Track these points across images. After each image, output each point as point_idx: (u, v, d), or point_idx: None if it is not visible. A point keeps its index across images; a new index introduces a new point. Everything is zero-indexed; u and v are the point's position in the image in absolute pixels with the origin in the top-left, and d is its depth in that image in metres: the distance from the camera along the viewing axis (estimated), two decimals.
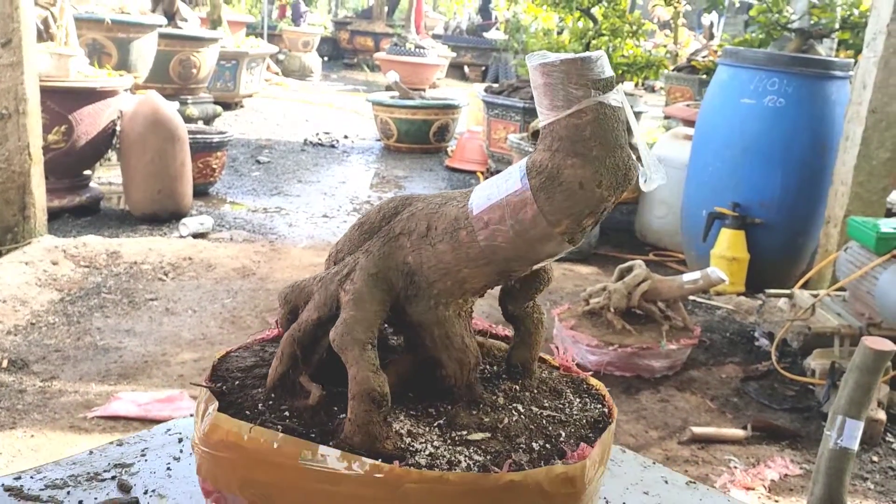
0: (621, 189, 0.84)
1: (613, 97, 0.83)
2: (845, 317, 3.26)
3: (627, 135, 0.85)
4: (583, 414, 0.93)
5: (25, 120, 3.91)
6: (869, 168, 3.87)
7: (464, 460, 0.79)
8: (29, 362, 2.98)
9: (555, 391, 0.98)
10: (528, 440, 0.86)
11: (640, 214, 5.49)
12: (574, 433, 0.88)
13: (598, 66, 0.83)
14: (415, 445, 0.82)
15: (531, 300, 0.98)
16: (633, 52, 7.96)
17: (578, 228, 0.84)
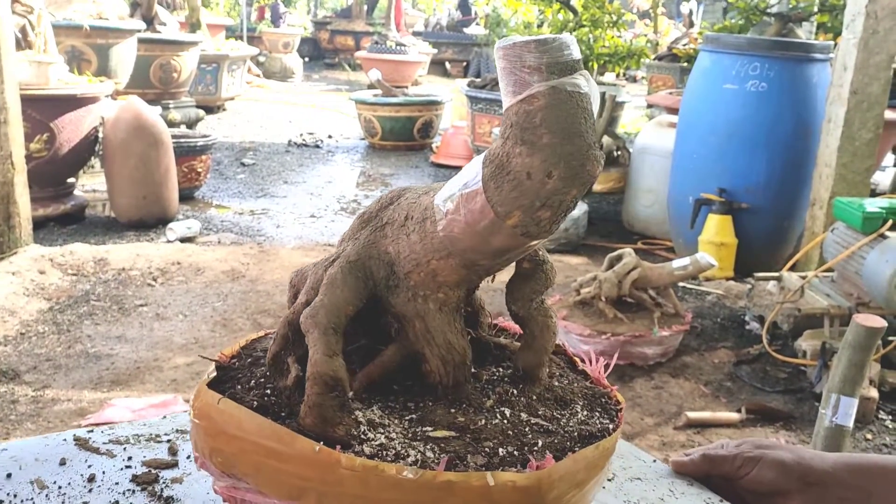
0: (580, 181, 0.79)
1: (570, 82, 0.78)
2: (834, 297, 3.28)
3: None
4: (579, 427, 0.85)
5: (7, 129, 3.87)
6: (852, 149, 3.89)
7: (414, 455, 0.77)
8: (20, 372, 2.96)
9: (561, 401, 0.91)
10: (497, 445, 0.80)
11: (626, 203, 5.50)
12: (556, 445, 0.81)
13: (555, 48, 0.78)
14: (369, 434, 0.81)
15: (532, 300, 0.93)
16: (614, 42, 7.99)
17: (532, 222, 0.79)
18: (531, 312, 0.91)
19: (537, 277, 0.91)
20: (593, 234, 5.23)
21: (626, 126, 8.88)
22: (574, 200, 0.81)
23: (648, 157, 5.22)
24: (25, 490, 0.95)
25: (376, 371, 0.90)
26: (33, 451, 1.02)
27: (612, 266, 3.42)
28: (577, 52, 0.79)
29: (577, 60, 0.78)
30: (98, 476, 0.98)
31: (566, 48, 0.78)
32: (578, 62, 0.78)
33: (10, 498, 0.93)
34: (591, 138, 0.78)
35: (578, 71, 0.78)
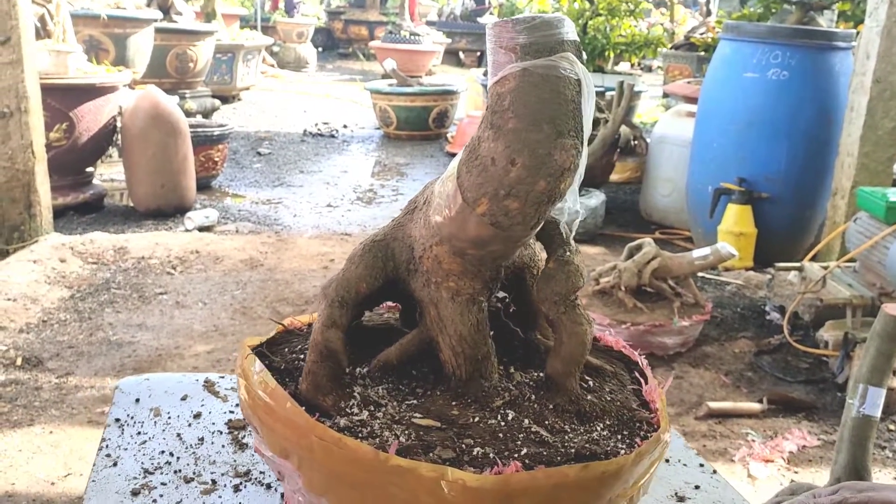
0: (546, 172, 0.74)
1: (545, 65, 0.73)
2: (856, 287, 3.25)
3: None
4: (584, 444, 0.79)
5: (27, 118, 3.89)
6: (875, 138, 3.86)
7: (388, 437, 0.77)
8: (43, 359, 2.98)
9: (583, 415, 0.85)
10: (476, 444, 0.77)
11: (644, 193, 5.48)
12: (542, 456, 0.76)
13: (532, 28, 0.74)
14: (355, 410, 0.83)
15: (557, 303, 0.87)
16: (631, 31, 7.94)
17: (500, 211, 0.75)
18: (560, 317, 0.86)
19: (558, 278, 0.86)
20: (611, 224, 5.21)
21: (643, 116, 8.83)
22: (548, 193, 0.75)
23: (666, 147, 5.19)
24: (143, 414, 1.11)
25: (394, 353, 0.92)
26: (166, 384, 1.20)
27: (631, 256, 3.41)
28: (567, 33, 0.74)
29: (561, 42, 0.73)
30: (203, 414, 1.12)
31: (547, 29, 0.73)
32: (562, 44, 0.73)
33: (127, 418, 1.09)
34: (564, 126, 0.73)
35: (560, 53, 0.73)
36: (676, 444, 1.08)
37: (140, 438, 1.06)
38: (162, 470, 0.99)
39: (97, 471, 0.99)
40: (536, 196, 0.75)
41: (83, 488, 2.23)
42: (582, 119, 0.76)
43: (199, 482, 0.96)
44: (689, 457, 1.07)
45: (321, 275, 3.99)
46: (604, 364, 0.95)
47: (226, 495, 0.93)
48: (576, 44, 0.75)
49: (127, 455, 1.02)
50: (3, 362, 2.93)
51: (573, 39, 0.75)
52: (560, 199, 0.78)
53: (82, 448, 2.43)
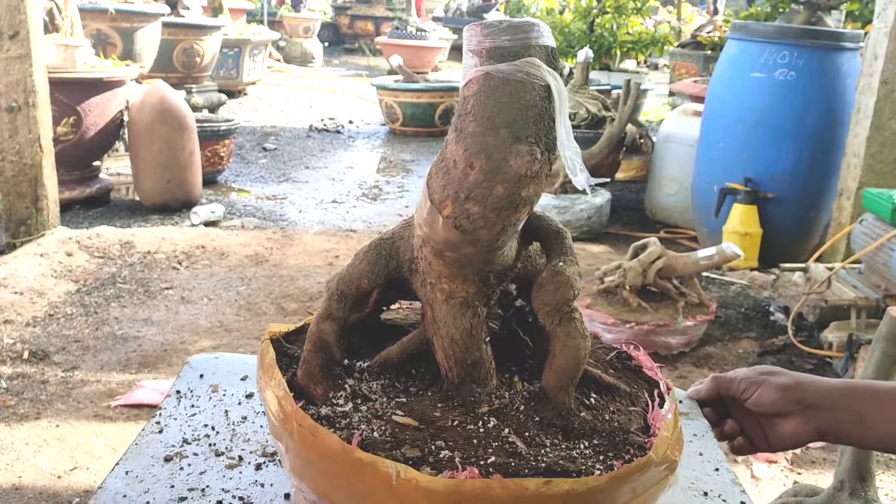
0: (502, 177, 0.73)
1: (507, 69, 0.73)
2: (861, 289, 3.25)
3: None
4: (558, 460, 0.76)
5: (35, 112, 3.91)
6: (881, 139, 3.85)
7: (363, 430, 0.79)
8: (49, 353, 2.99)
9: (570, 431, 0.82)
10: (446, 447, 0.77)
11: (649, 192, 5.48)
12: (509, 467, 0.75)
13: (498, 32, 0.73)
14: (340, 401, 0.85)
15: (549, 314, 0.85)
16: (638, 29, 7.93)
17: (462, 215, 0.75)
18: (554, 328, 0.85)
19: (548, 289, 0.85)
20: (615, 223, 5.21)
21: (648, 114, 8.83)
22: (508, 199, 0.74)
23: (672, 146, 5.19)
24: (201, 389, 1.16)
25: (395, 351, 0.93)
26: (231, 364, 1.25)
27: (636, 255, 3.41)
28: (537, 38, 0.73)
29: (528, 47, 0.73)
30: (256, 396, 1.15)
31: (514, 33, 0.73)
32: (529, 49, 0.73)
33: (187, 392, 1.15)
34: (522, 131, 0.73)
35: (525, 58, 0.73)
36: (723, 478, 1.01)
37: (191, 411, 1.11)
38: (199, 441, 1.04)
39: (143, 435, 1.05)
40: (495, 201, 0.74)
41: (89, 482, 2.25)
42: (548, 125, 0.75)
43: (227, 457, 1.01)
44: (732, 493, 0.99)
45: (326, 271, 4.00)
46: (618, 383, 0.92)
47: (246, 472, 0.98)
48: (547, 49, 0.74)
49: (174, 424, 1.08)
50: (10, 356, 2.94)
51: (544, 45, 0.74)
52: (526, 206, 0.77)
53: (88, 442, 2.45)
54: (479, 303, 0.87)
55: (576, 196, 4.82)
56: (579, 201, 4.81)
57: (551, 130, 0.75)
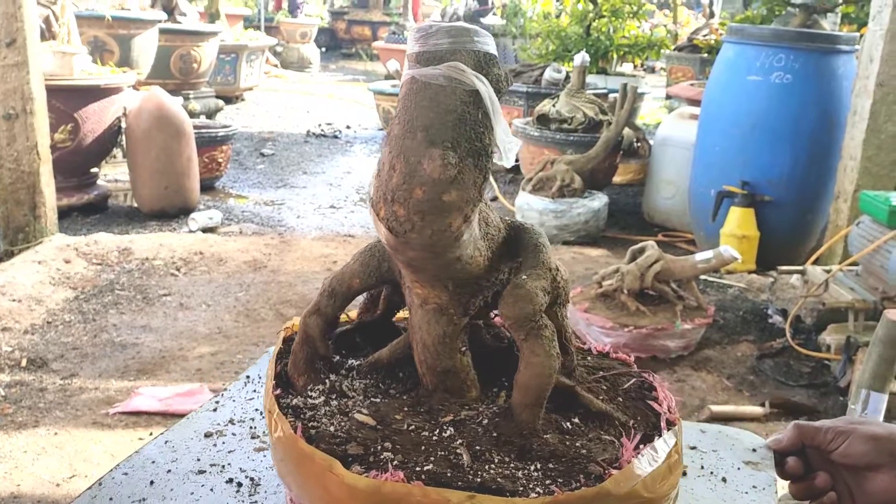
0: (418, 180, 0.73)
1: (428, 73, 0.73)
2: (859, 291, 3.26)
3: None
4: (494, 478, 0.76)
5: (33, 119, 3.91)
6: (878, 142, 3.86)
7: (322, 423, 0.83)
8: (48, 360, 2.99)
9: (524, 452, 0.80)
10: (392, 450, 0.79)
11: (647, 195, 5.48)
12: (444, 476, 0.75)
13: (426, 36, 0.74)
14: (314, 394, 0.90)
15: (513, 328, 0.84)
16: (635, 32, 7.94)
17: (392, 217, 0.75)
18: (521, 343, 0.84)
19: (507, 302, 0.84)
20: (613, 226, 5.22)
21: (645, 117, 8.84)
22: (428, 203, 0.73)
23: (669, 149, 5.20)
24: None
25: (385, 354, 0.96)
26: None
27: (634, 258, 3.42)
28: (468, 43, 0.73)
29: (454, 52, 0.73)
30: None
31: (441, 37, 0.73)
32: (455, 53, 0.73)
33: (256, 378, 1.21)
34: (438, 136, 0.72)
35: (448, 62, 0.73)
36: None
37: (250, 395, 1.18)
38: (242, 424, 1.10)
39: (199, 412, 1.13)
40: (416, 204, 0.74)
41: None
42: (473, 130, 0.74)
43: (259, 441, 1.06)
44: None
45: (324, 276, 4.00)
46: (611, 410, 0.89)
47: (269, 456, 1.01)
48: (478, 54, 0.74)
49: (228, 405, 1.15)
50: (9, 363, 2.94)
51: (476, 50, 0.74)
52: (455, 213, 0.75)
53: (87, 449, 2.45)
54: (454, 311, 0.86)
55: (573, 200, 4.83)
56: (577, 205, 4.82)
57: (481, 136, 0.74)
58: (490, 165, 0.77)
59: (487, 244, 0.84)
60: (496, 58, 0.76)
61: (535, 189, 4.90)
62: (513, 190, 5.94)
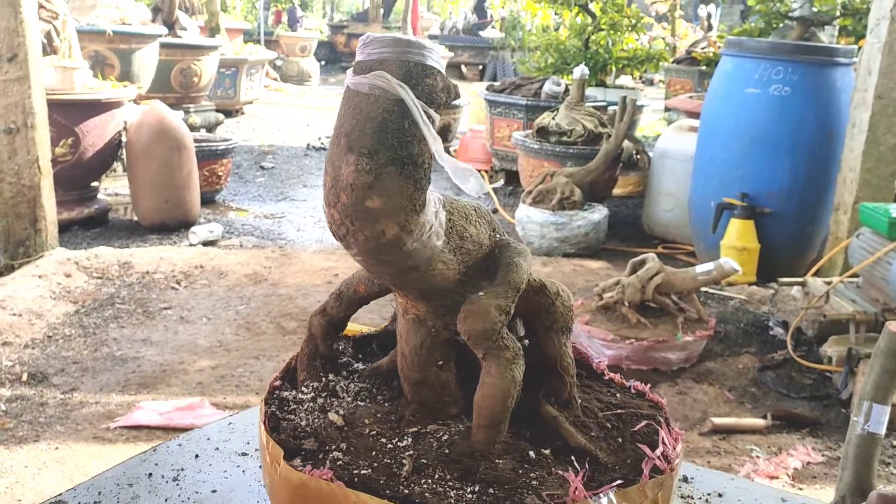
0: (340, 185, 0.75)
1: (354, 81, 0.75)
2: (860, 303, 3.26)
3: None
4: (421, 494, 0.78)
5: (34, 133, 3.92)
6: (877, 154, 3.87)
7: (298, 418, 0.89)
8: (48, 375, 2.99)
9: (467, 473, 0.80)
10: (343, 450, 0.83)
11: (646, 207, 5.49)
12: (372, 482, 0.78)
13: (362, 46, 0.76)
14: (305, 391, 0.95)
15: (468, 342, 0.83)
16: (633, 45, 7.98)
17: (331, 220, 0.77)
18: (481, 360, 0.84)
19: (460, 317, 0.84)
20: (613, 238, 5.22)
21: (644, 129, 8.86)
22: (354, 209, 0.75)
23: (669, 161, 5.21)
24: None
25: (385, 361, 0.99)
26: None
27: (635, 271, 3.42)
28: (397, 52, 0.75)
29: (382, 61, 0.74)
30: None
31: (373, 47, 0.76)
32: (383, 63, 0.74)
33: None
34: (357, 143, 0.74)
35: (375, 71, 0.74)
36: None
37: None
38: None
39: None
40: (343, 209, 0.76)
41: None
42: (394, 138, 0.75)
43: None
44: None
45: (325, 290, 4.00)
46: (591, 448, 0.86)
47: None
48: (407, 64, 0.75)
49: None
50: (9, 378, 2.93)
51: (405, 60, 0.75)
52: (385, 220, 0.76)
53: (88, 464, 2.44)
54: (432, 324, 0.87)
55: (573, 212, 4.84)
56: (577, 217, 4.82)
57: (406, 145, 0.75)
58: (425, 176, 0.77)
59: (460, 258, 0.84)
60: (433, 69, 0.77)
61: (536, 201, 4.91)
62: (513, 202, 5.95)
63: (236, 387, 2.98)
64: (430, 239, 0.80)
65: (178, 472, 1.08)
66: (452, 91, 0.79)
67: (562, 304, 0.91)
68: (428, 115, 0.76)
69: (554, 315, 0.90)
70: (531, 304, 0.91)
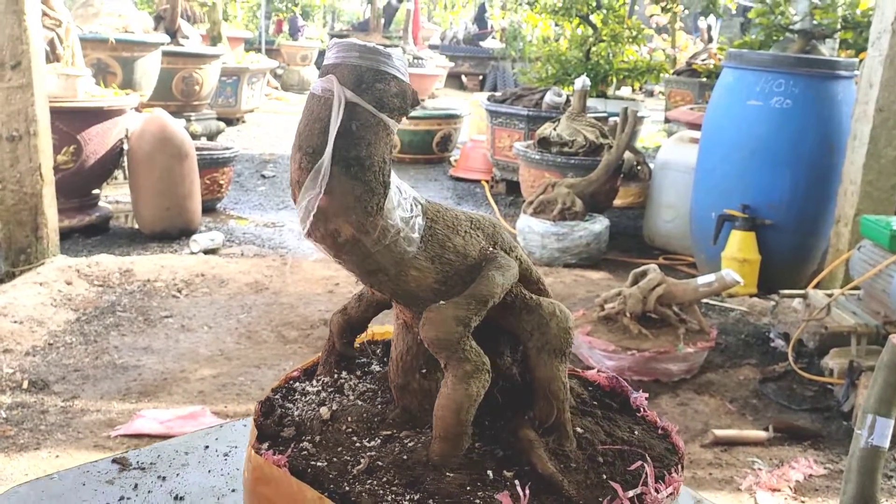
0: (291, 179, 0.80)
1: (313, 83, 0.80)
2: (861, 315, 3.26)
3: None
4: (351, 492, 0.81)
5: (36, 141, 3.92)
6: (878, 167, 3.88)
7: (294, 407, 0.94)
8: (49, 382, 2.98)
9: (412, 480, 0.82)
10: (313, 442, 0.88)
11: (647, 219, 5.50)
12: (322, 475, 0.82)
13: (328, 49, 0.80)
14: (314, 383, 1.00)
15: (435, 356, 0.84)
16: (634, 57, 8.00)
17: (299, 216, 0.80)
18: (443, 366, 0.86)
19: (420, 324, 0.86)
20: (614, 249, 5.22)
21: (644, 140, 8.88)
22: (300, 202, 0.78)
23: (670, 173, 5.22)
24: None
25: None
26: None
27: (636, 282, 3.42)
28: (348, 57, 0.77)
29: (335, 65, 0.78)
30: None
31: (331, 51, 0.79)
32: (335, 67, 0.77)
33: None
34: (303, 141, 0.78)
35: (328, 74, 0.78)
36: None
37: None
38: None
39: None
40: (298, 204, 0.80)
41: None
42: (341, 140, 0.77)
43: None
44: None
45: (326, 298, 4.00)
46: (556, 478, 0.83)
47: None
48: (360, 69, 0.77)
49: None
50: (10, 385, 2.93)
51: (356, 65, 0.77)
52: (331, 218, 0.78)
53: None
54: (418, 330, 0.87)
55: (574, 223, 4.84)
56: (578, 228, 4.83)
57: (355, 146, 0.77)
58: (376, 179, 0.79)
59: (439, 267, 0.85)
60: (386, 74, 0.79)
61: (537, 212, 4.91)
62: (514, 213, 5.95)
63: (237, 395, 2.97)
64: (397, 244, 0.81)
65: (231, 449, 1.20)
66: (409, 97, 0.81)
67: (556, 325, 0.89)
68: (380, 120, 0.78)
69: (547, 336, 0.89)
70: (524, 323, 0.90)
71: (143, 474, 1.15)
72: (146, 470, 1.16)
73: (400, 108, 0.80)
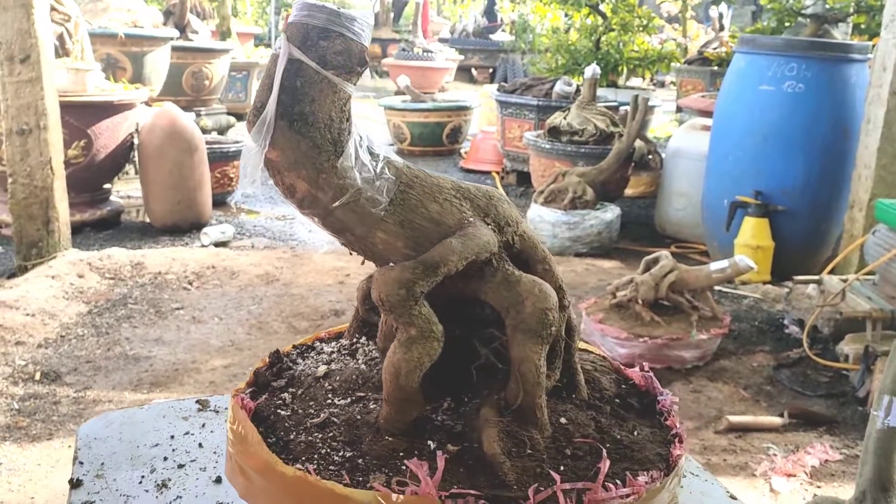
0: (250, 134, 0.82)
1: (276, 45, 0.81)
2: (876, 300, 3.22)
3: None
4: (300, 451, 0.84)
5: (46, 135, 3.93)
6: (892, 150, 3.83)
7: (300, 364, 0.99)
8: (61, 374, 2.99)
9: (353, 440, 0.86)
10: (288, 411, 0.90)
11: (659, 207, 5.46)
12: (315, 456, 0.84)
13: (293, 10, 0.81)
14: (332, 346, 1.04)
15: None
16: (644, 46, 7.95)
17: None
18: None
19: None
20: (625, 238, 5.20)
21: (656, 130, 8.82)
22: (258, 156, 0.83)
23: (681, 161, 5.18)
24: None
25: None
26: None
27: (648, 269, 3.39)
28: (299, 16, 0.79)
29: (291, 24, 0.80)
30: None
31: (293, 10, 0.81)
32: (291, 25, 0.80)
33: None
34: (258, 98, 0.82)
35: (283, 33, 0.81)
36: None
37: None
38: None
39: None
40: (276, 172, 0.85)
41: None
42: (285, 95, 0.79)
43: None
44: None
45: (336, 290, 4.00)
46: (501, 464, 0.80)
47: None
48: (307, 27, 0.78)
49: None
50: (23, 377, 2.94)
51: (305, 23, 0.78)
52: (282, 171, 0.81)
53: None
54: None
55: (585, 212, 4.82)
56: (589, 217, 4.80)
57: (298, 102, 0.79)
58: (322, 136, 0.81)
59: (409, 233, 0.85)
60: (331, 32, 0.80)
61: (547, 201, 4.89)
62: (525, 203, 5.93)
63: None
64: (359, 204, 0.82)
65: None
66: (356, 56, 0.81)
67: (532, 305, 0.85)
68: (324, 77, 0.79)
69: (522, 315, 0.85)
70: (502, 300, 0.87)
71: (216, 416, 1.29)
72: (219, 413, 1.31)
73: (344, 66, 0.81)
